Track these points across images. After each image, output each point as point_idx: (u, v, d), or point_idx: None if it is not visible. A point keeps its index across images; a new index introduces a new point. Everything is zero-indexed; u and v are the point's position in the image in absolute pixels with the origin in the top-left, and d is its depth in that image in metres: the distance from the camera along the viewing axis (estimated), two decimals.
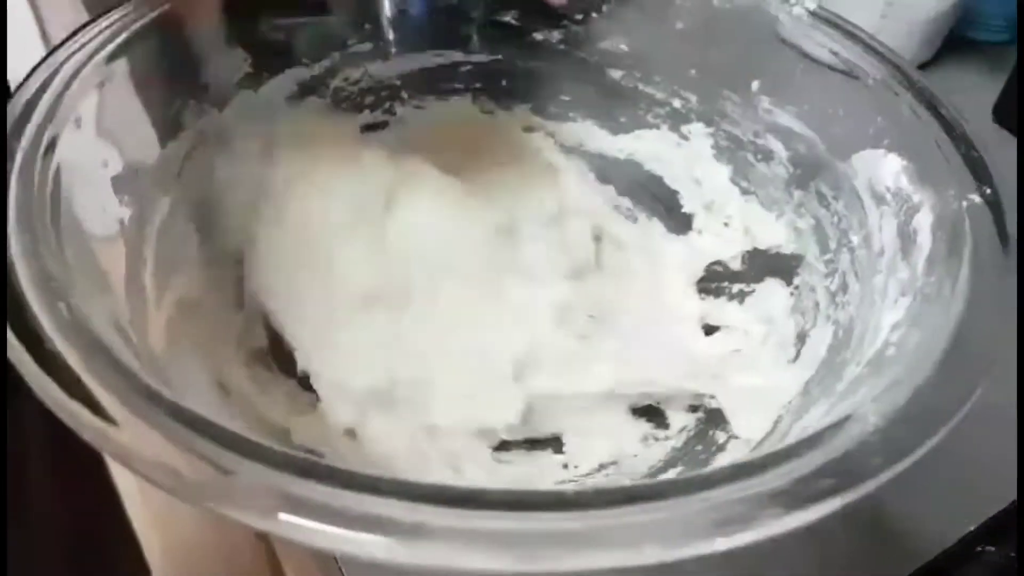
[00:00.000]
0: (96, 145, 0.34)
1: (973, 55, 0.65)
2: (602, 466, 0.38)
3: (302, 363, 0.39)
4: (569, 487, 0.33)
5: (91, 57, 0.36)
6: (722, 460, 0.36)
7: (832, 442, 0.24)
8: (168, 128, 0.39)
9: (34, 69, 0.34)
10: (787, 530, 0.22)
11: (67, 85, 0.34)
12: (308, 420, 0.38)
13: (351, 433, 0.38)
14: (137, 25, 0.38)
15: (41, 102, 0.33)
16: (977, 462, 0.36)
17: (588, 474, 0.38)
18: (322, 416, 0.38)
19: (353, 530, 0.20)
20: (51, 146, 0.31)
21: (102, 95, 0.35)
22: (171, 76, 0.40)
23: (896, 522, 0.36)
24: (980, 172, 0.34)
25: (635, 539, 0.21)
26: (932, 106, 0.37)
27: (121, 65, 0.36)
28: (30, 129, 0.31)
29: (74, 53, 0.35)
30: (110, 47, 0.36)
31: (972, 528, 0.36)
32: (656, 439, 0.39)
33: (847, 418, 0.25)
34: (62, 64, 0.34)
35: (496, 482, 0.37)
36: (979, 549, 0.37)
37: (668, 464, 0.37)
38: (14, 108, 0.32)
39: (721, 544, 0.21)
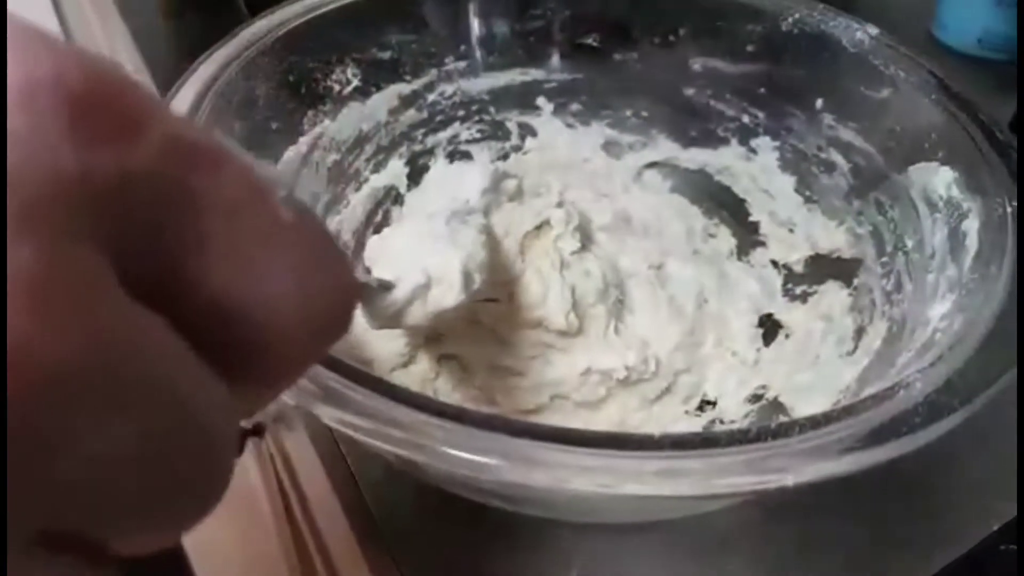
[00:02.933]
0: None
1: (984, 73, 0.67)
2: None
3: None
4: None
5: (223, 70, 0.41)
6: None
7: (884, 405, 0.28)
8: (289, 134, 0.45)
9: (185, 79, 0.40)
10: (851, 470, 0.26)
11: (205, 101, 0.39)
12: None
13: None
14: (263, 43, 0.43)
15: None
16: (1003, 461, 0.39)
17: None
18: None
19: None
20: None
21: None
22: (293, 88, 0.45)
23: (921, 522, 0.38)
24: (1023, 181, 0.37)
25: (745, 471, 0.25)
26: (981, 122, 0.40)
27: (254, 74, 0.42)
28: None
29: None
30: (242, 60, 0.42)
31: (996, 527, 0.38)
32: (722, 422, 0.43)
33: (897, 385, 0.29)
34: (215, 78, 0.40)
35: None
36: (1003, 548, 0.38)
37: None
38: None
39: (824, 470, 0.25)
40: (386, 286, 0.34)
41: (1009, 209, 0.36)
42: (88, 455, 0.11)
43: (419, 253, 0.36)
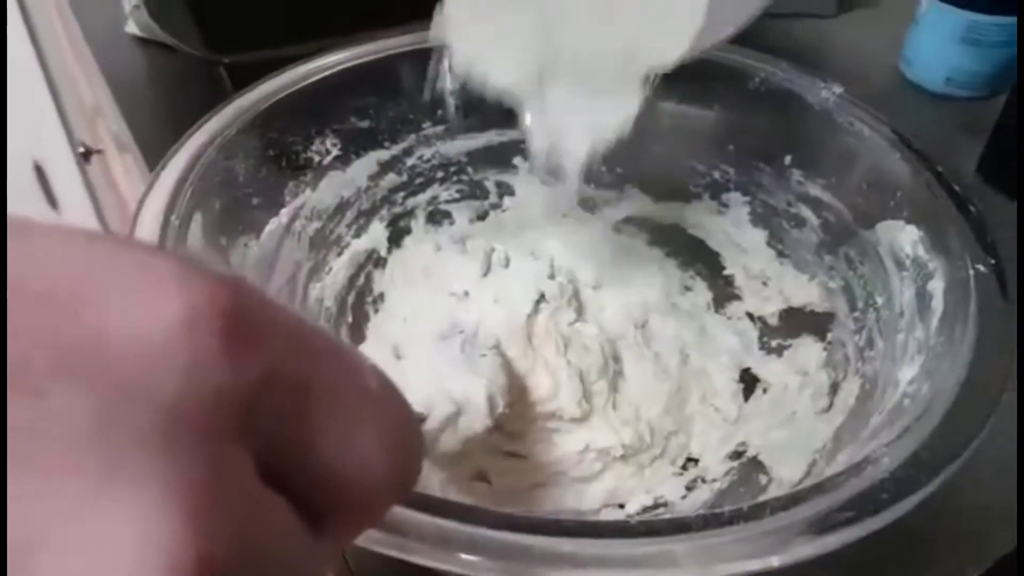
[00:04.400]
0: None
1: (953, 111, 0.68)
2: (656, 505, 0.43)
3: None
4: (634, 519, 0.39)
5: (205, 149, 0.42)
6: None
7: (851, 482, 0.29)
8: (270, 207, 0.46)
9: (168, 159, 0.41)
10: (817, 553, 0.27)
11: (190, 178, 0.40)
12: None
13: None
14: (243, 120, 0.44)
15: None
16: (980, 510, 0.40)
17: (639, 512, 0.42)
18: None
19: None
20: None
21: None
22: (273, 163, 0.46)
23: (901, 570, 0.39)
24: (987, 244, 0.38)
25: (696, 561, 0.26)
26: (946, 183, 0.42)
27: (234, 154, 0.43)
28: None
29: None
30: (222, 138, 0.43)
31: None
32: (704, 480, 0.44)
33: (864, 461, 0.30)
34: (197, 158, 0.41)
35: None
36: None
37: (715, 505, 0.42)
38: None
39: (775, 561, 0.27)
40: (419, 418, 0.34)
41: (972, 271, 0.37)
42: None
43: (441, 380, 0.37)
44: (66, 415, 0.11)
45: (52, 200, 1.37)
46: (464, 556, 0.26)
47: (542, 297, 0.47)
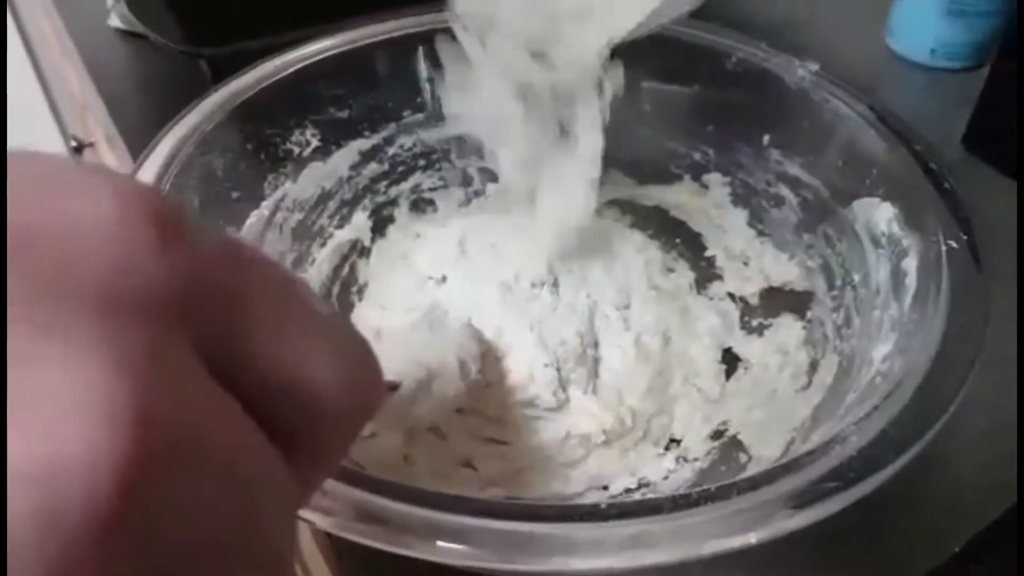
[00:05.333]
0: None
1: (938, 83, 0.68)
2: (642, 486, 0.43)
3: None
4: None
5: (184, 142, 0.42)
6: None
7: (820, 461, 0.29)
8: (251, 200, 0.46)
9: (145, 156, 0.41)
10: (787, 531, 0.28)
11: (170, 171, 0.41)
12: None
13: None
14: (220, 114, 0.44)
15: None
16: (959, 484, 0.40)
17: (622, 494, 0.43)
18: None
19: None
20: None
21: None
22: (252, 156, 0.46)
23: (885, 545, 0.39)
24: (961, 220, 0.38)
25: (671, 541, 0.27)
26: (922, 159, 0.42)
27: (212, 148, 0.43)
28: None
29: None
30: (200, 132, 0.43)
31: (957, 549, 0.39)
32: (686, 460, 0.44)
33: (833, 440, 0.30)
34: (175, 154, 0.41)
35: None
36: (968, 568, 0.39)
37: (696, 484, 0.42)
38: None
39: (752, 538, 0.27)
40: (391, 385, 0.35)
41: (944, 248, 0.37)
42: (181, 511, 0.13)
43: (411, 352, 0.37)
44: (12, 288, 0.12)
45: None
46: (441, 544, 0.27)
47: (518, 280, 0.47)
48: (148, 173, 0.41)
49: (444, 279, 0.48)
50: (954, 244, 0.37)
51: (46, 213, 0.13)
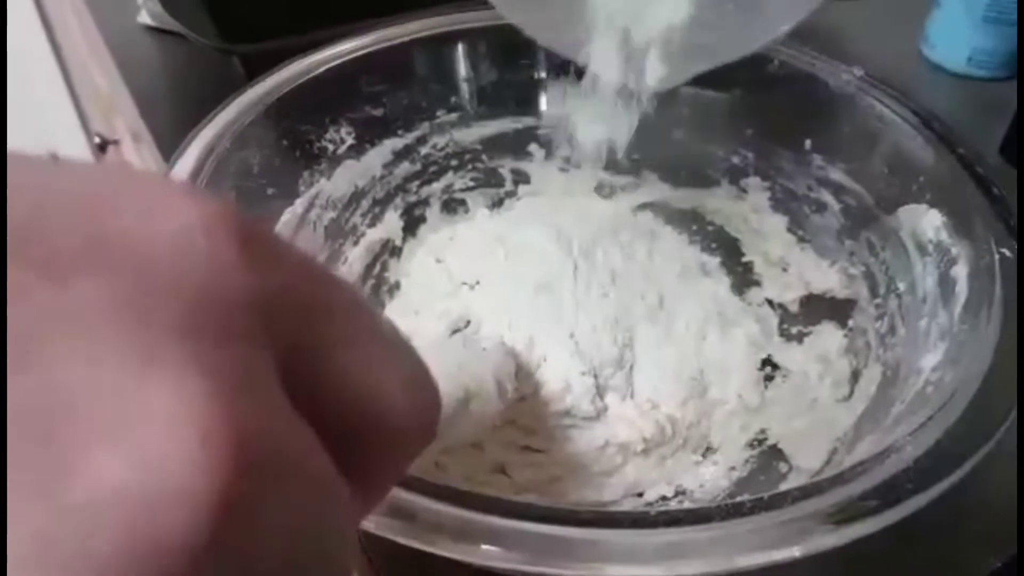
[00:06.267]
0: None
1: (975, 92, 0.67)
2: (678, 493, 0.43)
3: None
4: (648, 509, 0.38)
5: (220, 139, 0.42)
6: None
7: (873, 471, 0.29)
8: (285, 197, 0.45)
9: (181, 152, 0.41)
10: (838, 544, 0.27)
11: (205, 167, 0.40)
12: None
13: None
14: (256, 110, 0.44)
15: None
16: (1005, 500, 0.39)
17: (658, 501, 0.42)
18: None
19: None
20: None
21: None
22: (288, 152, 0.46)
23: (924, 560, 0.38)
24: (1011, 227, 0.37)
25: (719, 551, 0.26)
26: (969, 166, 0.41)
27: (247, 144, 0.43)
28: None
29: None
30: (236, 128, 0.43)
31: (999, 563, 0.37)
32: (723, 468, 0.43)
33: (888, 450, 0.29)
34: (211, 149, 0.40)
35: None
36: None
37: (734, 494, 0.41)
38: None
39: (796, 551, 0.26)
40: None
41: (996, 256, 0.36)
42: (270, 532, 0.13)
43: (448, 371, 0.36)
44: (93, 302, 0.12)
45: None
46: (483, 547, 0.26)
47: (553, 282, 0.46)
48: (183, 169, 0.40)
49: (478, 283, 0.48)
50: (1007, 252, 0.36)
51: (130, 230, 0.13)
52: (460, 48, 0.52)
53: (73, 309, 0.12)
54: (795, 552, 0.27)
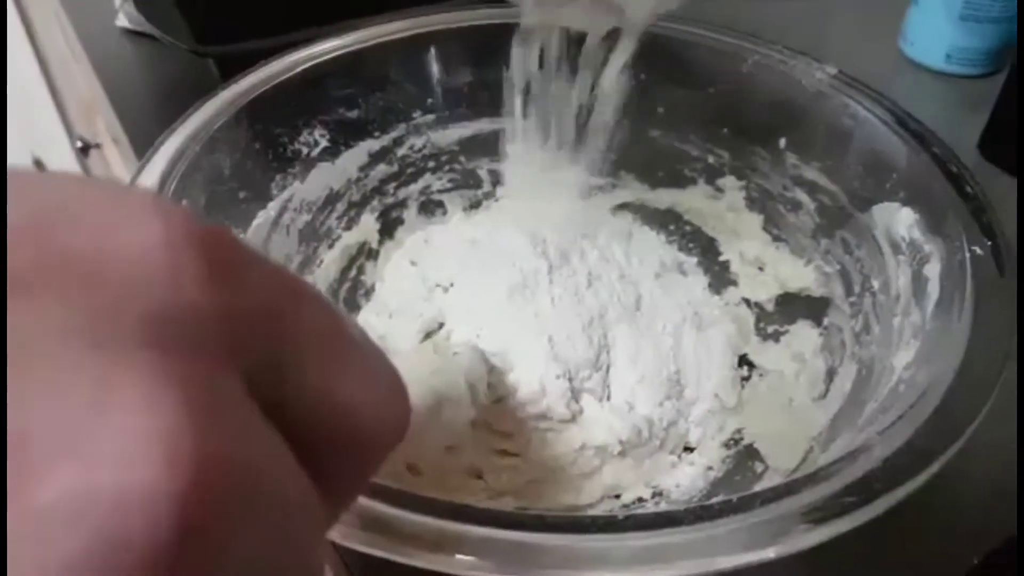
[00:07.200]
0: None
1: (954, 89, 0.68)
2: (655, 495, 0.42)
3: None
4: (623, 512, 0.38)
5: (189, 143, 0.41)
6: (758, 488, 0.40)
7: (844, 471, 0.28)
8: (258, 200, 0.45)
9: (151, 154, 0.41)
10: (811, 544, 0.27)
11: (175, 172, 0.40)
12: None
13: None
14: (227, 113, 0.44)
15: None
16: (979, 497, 0.39)
17: (635, 503, 0.42)
18: None
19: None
20: None
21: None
22: (260, 155, 0.46)
23: (895, 560, 0.38)
24: (984, 225, 0.37)
25: (688, 555, 0.26)
26: (943, 164, 0.41)
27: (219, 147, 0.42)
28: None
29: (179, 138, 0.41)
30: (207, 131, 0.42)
31: (976, 561, 0.38)
32: (700, 469, 0.43)
33: (858, 449, 0.29)
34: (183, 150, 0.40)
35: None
36: None
37: (710, 494, 0.41)
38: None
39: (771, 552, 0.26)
40: None
41: (968, 254, 0.36)
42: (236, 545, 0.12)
43: (420, 376, 0.36)
44: (52, 321, 0.12)
45: None
46: (457, 556, 0.26)
47: (527, 284, 0.46)
48: (153, 172, 0.40)
49: (451, 286, 0.47)
50: (978, 250, 0.36)
51: (88, 245, 0.13)
52: (435, 50, 0.51)
53: (30, 328, 0.11)
54: (770, 553, 0.27)
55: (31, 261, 0.12)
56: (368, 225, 0.51)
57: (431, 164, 0.54)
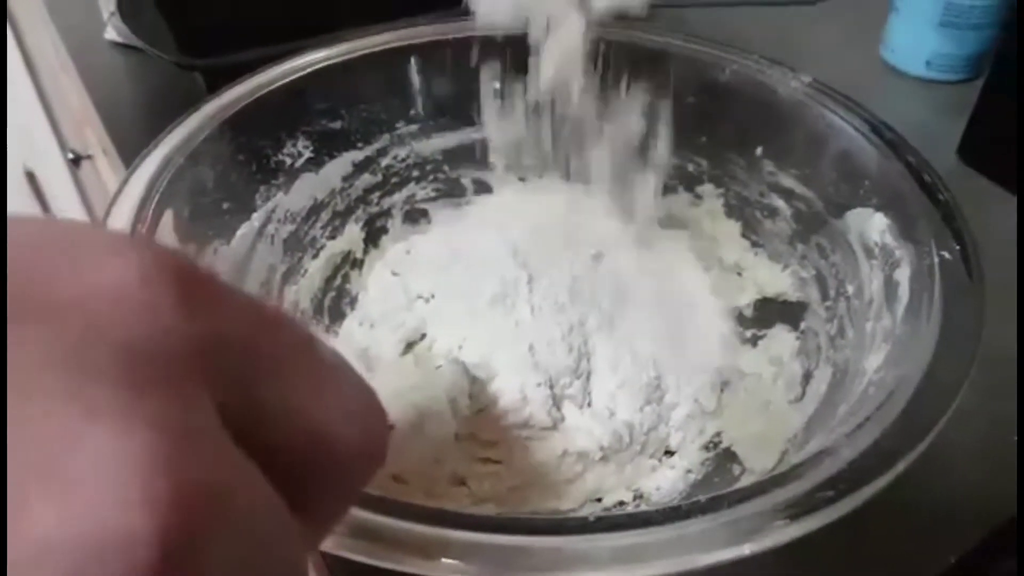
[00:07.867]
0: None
1: (934, 95, 0.69)
2: (636, 498, 0.43)
3: None
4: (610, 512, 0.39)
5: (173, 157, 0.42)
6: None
7: (810, 473, 0.29)
8: (242, 211, 0.46)
9: (135, 167, 0.41)
10: (780, 542, 0.27)
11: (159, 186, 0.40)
12: None
13: None
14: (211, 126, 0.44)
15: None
16: (957, 495, 0.40)
17: (615, 506, 0.42)
18: None
19: None
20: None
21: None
22: (244, 167, 0.46)
23: (880, 556, 0.38)
24: (955, 231, 0.38)
25: (672, 552, 0.27)
26: (915, 171, 0.41)
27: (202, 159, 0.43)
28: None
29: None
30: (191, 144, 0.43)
31: (954, 560, 0.39)
32: (680, 472, 0.44)
33: (824, 451, 0.30)
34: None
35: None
36: None
37: (689, 496, 0.42)
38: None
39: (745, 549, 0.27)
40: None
41: (937, 258, 0.37)
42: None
43: (400, 392, 0.37)
44: (29, 355, 0.12)
45: (44, 207, 1.38)
46: (442, 560, 0.27)
47: (508, 293, 0.46)
48: (138, 183, 0.40)
49: (433, 297, 0.48)
50: (947, 255, 0.37)
51: (65, 281, 0.13)
52: (418, 61, 0.52)
53: (6, 362, 0.12)
54: (744, 550, 0.27)
55: (12, 297, 0.12)
56: (353, 234, 0.52)
57: (415, 173, 0.54)
